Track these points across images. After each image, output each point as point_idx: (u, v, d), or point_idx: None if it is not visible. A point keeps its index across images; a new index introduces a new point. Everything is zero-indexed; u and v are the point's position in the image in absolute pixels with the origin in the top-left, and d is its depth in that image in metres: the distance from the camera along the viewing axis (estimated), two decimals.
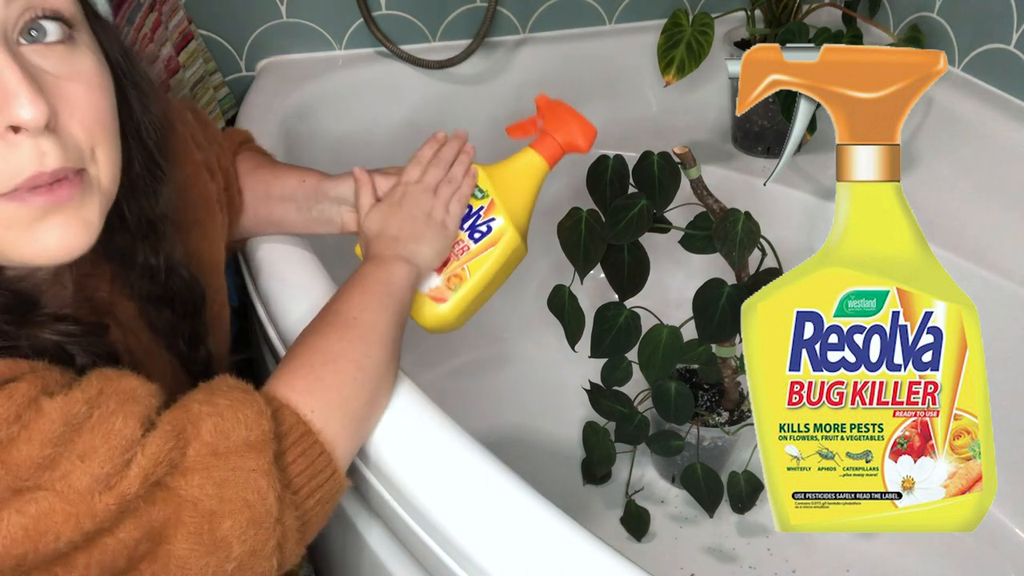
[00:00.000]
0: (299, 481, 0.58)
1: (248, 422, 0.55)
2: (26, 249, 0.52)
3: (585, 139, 0.82)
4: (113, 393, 0.52)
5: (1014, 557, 1.10)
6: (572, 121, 0.82)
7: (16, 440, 0.48)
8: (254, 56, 1.29)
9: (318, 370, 0.63)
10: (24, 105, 0.48)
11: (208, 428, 0.54)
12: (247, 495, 0.53)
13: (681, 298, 1.00)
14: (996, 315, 1.09)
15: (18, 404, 0.48)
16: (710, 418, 1.09)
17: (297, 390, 0.61)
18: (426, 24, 1.34)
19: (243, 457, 0.54)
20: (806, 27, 1.14)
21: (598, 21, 1.43)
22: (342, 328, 0.66)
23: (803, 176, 1.30)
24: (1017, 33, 1.16)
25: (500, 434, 1.25)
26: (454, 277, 0.79)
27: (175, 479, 0.52)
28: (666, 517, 1.15)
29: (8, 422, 0.47)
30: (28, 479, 0.48)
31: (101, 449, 0.49)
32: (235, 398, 0.56)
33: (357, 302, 0.69)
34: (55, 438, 0.48)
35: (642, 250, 0.92)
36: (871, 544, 1.12)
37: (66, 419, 0.49)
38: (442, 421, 0.68)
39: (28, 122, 0.48)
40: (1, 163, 0.49)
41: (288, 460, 0.58)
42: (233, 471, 0.53)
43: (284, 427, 0.58)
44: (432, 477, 0.65)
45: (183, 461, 0.53)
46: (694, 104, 1.43)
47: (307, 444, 0.59)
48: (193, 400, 0.56)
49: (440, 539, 0.64)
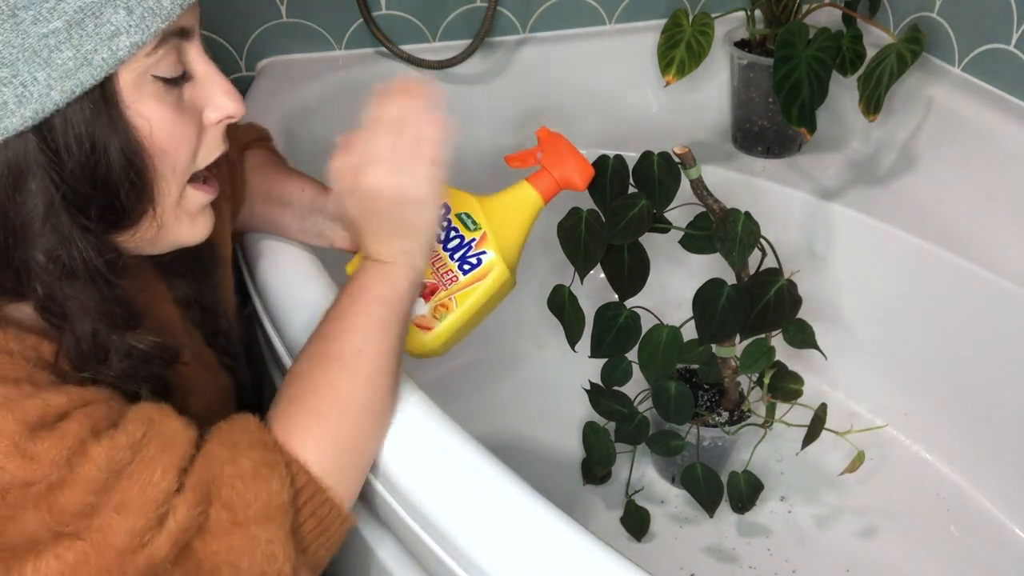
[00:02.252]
0: (310, 538, 0.59)
1: (270, 491, 0.56)
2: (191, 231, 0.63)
3: (582, 178, 0.82)
4: (155, 436, 0.54)
5: (1014, 557, 1.10)
6: (570, 159, 0.82)
7: (63, 485, 0.50)
8: (254, 56, 1.29)
9: (327, 419, 0.61)
10: (238, 101, 0.60)
11: (228, 494, 0.55)
12: (264, 567, 0.55)
13: (681, 298, 1.00)
14: (996, 315, 1.10)
15: (68, 447, 0.51)
16: (710, 418, 1.09)
17: (308, 446, 0.60)
18: (426, 24, 1.34)
19: (262, 527, 0.55)
20: (806, 27, 1.14)
21: (598, 21, 1.43)
22: (350, 366, 0.63)
23: (803, 176, 1.30)
24: (1017, 33, 1.16)
25: (500, 434, 1.25)
26: (440, 307, 0.79)
27: (197, 541, 0.54)
28: (666, 517, 1.15)
29: (58, 465, 0.50)
30: (69, 524, 0.50)
31: (137, 502, 0.51)
32: (258, 459, 0.57)
33: (361, 330, 0.65)
34: (98, 486, 0.51)
35: (642, 250, 0.92)
36: (871, 544, 1.12)
37: (110, 467, 0.51)
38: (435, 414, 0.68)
39: (239, 113, 0.61)
40: (213, 142, 0.61)
41: (300, 520, 0.58)
42: (252, 541, 0.55)
43: (297, 486, 0.58)
44: (431, 476, 0.65)
45: (206, 523, 0.54)
46: (694, 104, 1.43)
47: (318, 503, 0.59)
48: (215, 458, 0.56)
49: (437, 536, 0.64)
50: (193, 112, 0.59)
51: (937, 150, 1.25)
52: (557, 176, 0.82)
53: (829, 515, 1.16)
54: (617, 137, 1.35)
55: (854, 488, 1.18)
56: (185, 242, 0.63)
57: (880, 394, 1.26)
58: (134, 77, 0.54)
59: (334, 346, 0.64)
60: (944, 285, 1.14)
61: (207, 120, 0.60)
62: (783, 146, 1.35)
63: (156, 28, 0.52)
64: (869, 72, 1.15)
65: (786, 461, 1.22)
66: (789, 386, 1.00)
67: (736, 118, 1.38)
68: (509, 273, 0.81)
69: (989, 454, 1.15)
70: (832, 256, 1.25)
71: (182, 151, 0.58)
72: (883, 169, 1.30)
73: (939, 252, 1.14)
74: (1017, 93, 1.18)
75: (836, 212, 1.23)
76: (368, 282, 0.67)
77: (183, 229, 0.62)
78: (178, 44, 0.56)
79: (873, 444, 1.16)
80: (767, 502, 1.16)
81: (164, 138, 0.56)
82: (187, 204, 0.61)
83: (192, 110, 0.58)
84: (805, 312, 0.93)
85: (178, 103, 0.57)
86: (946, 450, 1.21)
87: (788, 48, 1.12)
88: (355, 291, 0.67)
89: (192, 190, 0.62)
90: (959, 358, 1.16)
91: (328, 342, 0.65)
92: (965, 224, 1.17)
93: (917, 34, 1.15)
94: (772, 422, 1.04)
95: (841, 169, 1.31)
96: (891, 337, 1.23)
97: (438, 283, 0.80)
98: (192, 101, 0.58)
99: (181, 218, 0.61)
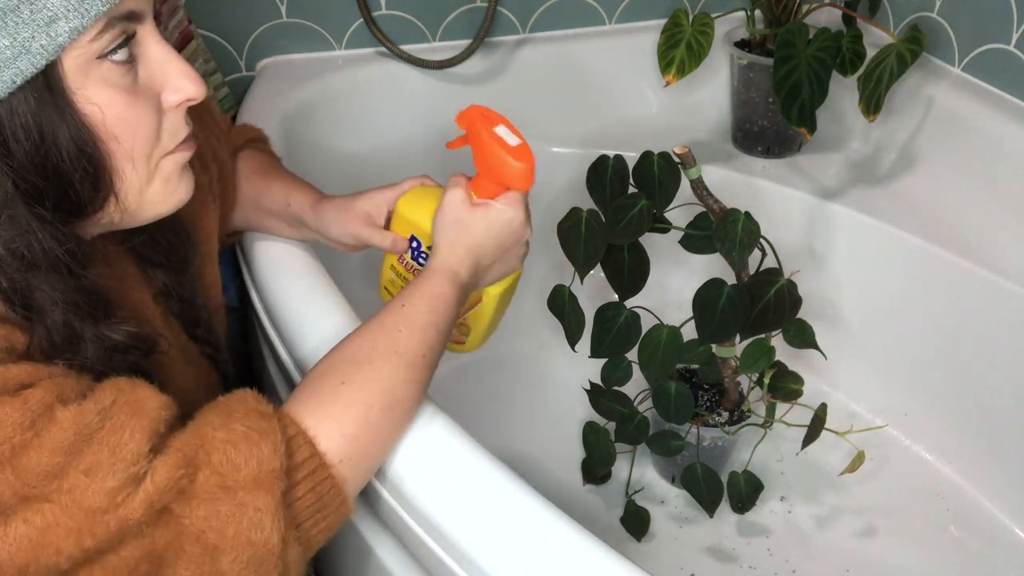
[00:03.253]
0: (305, 515, 0.58)
1: (261, 457, 0.55)
2: (172, 198, 0.61)
3: (520, 179, 0.74)
4: (125, 404, 0.53)
5: (1014, 557, 1.10)
6: (496, 161, 0.74)
7: (28, 446, 0.49)
8: (254, 56, 1.29)
9: (354, 405, 0.61)
10: (198, 83, 0.58)
11: (219, 458, 0.54)
12: (251, 534, 0.54)
13: (681, 298, 1.00)
14: (996, 315, 1.10)
15: (33, 410, 0.49)
16: (710, 418, 1.09)
17: (324, 424, 0.59)
18: (426, 24, 1.34)
19: (251, 494, 0.54)
20: (806, 27, 1.14)
21: (598, 21, 1.43)
22: (409, 367, 0.64)
23: (803, 176, 1.30)
24: (1017, 33, 1.16)
25: (500, 434, 1.25)
26: (462, 324, 0.84)
27: (181, 506, 0.53)
28: (666, 517, 1.15)
29: (22, 428, 0.49)
30: (36, 486, 0.49)
31: (106, 463, 0.50)
32: (252, 425, 0.56)
33: (431, 336, 0.67)
34: (65, 447, 0.49)
35: (642, 250, 0.92)
36: (871, 544, 1.12)
37: (77, 429, 0.50)
38: (435, 414, 0.68)
39: (199, 94, 0.58)
40: (175, 125, 0.59)
41: (297, 495, 0.57)
42: (239, 507, 0.53)
43: (298, 458, 0.57)
44: (431, 475, 0.65)
45: (191, 487, 0.53)
46: (694, 104, 1.43)
47: (319, 479, 0.58)
48: (208, 424, 0.56)
49: (436, 535, 0.64)
50: (149, 95, 0.57)
51: (937, 150, 1.25)
52: (494, 182, 0.75)
53: (829, 515, 1.16)
54: (617, 137, 1.35)
55: (854, 488, 1.18)
56: (164, 211, 0.61)
57: (880, 394, 1.26)
58: (80, 63, 0.52)
59: (403, 343, 0.65)
60: (944, 285, 1.14)
61: (166, 103, 0.58)
62: (783, 146, 1.35)
63: (96, 12, 0.50)
64: (869, 72, 1.15)
65: (786, 461, 1.22)
66: (789, 386, 1.00)
67: (736, 118, 1.38)
68: (507, 282, 0.81)
69: (989, 454, 1.15)
70: (832, 256, 1.25)
71: (140, 136, 0.56)
72: (883, 169, 1.30)
73: (939, 252, 1.14)
74: (1017, 93, 1.18)
75: (836, 212, 1.23)
76: (441, 289, 0.70)
77: (159, 199, 0.60)
78: (127, 27, 0.54)
79: (873, 444, 1.16)
80: (767, 502, 1.16)
81: (117, 124, 0.55)
82: (163, 170, 0.59)
83: (148, 93, 0.57)
84: (805, 312, 0.93)
85: (132, 87, 0.55)
86: (946, 450, 1.20)
87: (788, 48, 1.12)
88: (427, 295, 0.69)
89: (170, 158, 0.60)
90: (959, 358, 1.16)
91: (397, 338, 0.65)
92: (965, 224, 1.17)
93: (917, 34, 1.15)
94: (772, 422, 1.04)
95: (841, 169, 1.31)
96: (891, 337, 1.23)
97: None
98: (148, 84, 0.57)
99: (155, 187, 0.59)
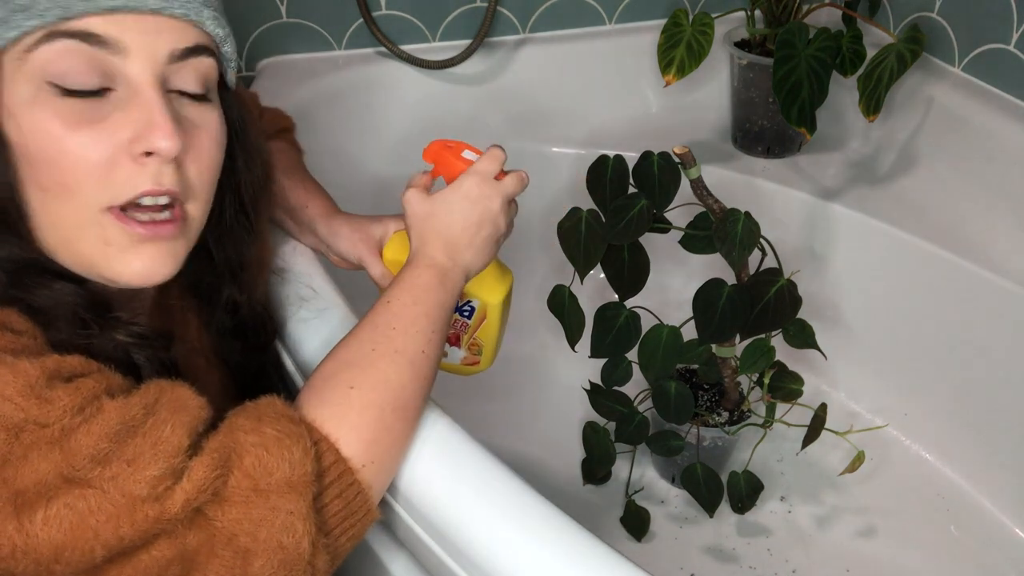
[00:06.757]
0: (334, 522, 0.58)
1: (293, 461, 0.55)
2: (116, 267, 0.57)
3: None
4: (167, 401, 0.55)
5: (1014, 557, 1.10)
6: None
7: (77, 430, 0.51)
8: (254, 56, 1.29)
9: (369, 407, 0.61)
10: (165, 137, 0.55)
11: (251, 461, 0.54)
12: (282, 538, 0.54)
13: (681, 298, 1.00)
14: (996, 315, 1.10)
15: (84, 397, 0.51)
16: (710, 418, 1.09)
17: (343, 428, 0.59)
18: (426, 24, 1.34)
19: (283, 497, 0.54)
20: (806, 27, 1.14)
21: (598, 21, 1.43)
22: (411, 365, 0.64)
23: (803, 176, 1.30)
24: (1017, 33, 1.16)
25: (500, 434, 1.25)
26: (473, 344, 0.85)
27: (214, 509, 0.53)
28: (666, 517, 1.15)
29: (73, 412, 0.51)
30: (81, 469, 0.50)
31: (149, 454, 0.51)
32: (283, 430, 0.56)
33: (426, 331, 0.66)
34: (112, 434, 0.51)
35: (642, 250, 0.92)
36: (871, 544, 1.12)
37: (123, 420, 0.52)
38: (435, 414, 0.68)
39: (163, 150, 0.55)
40: (124, 178, 0.55)
41: (325, 501, 0.57)
42: (272, 511, 0.54)
43: (323, 464, 0.57)
44: (430, 475, 0.65)
45: (224, 490, 0.53)
46: (694, 104, 1.43)
47: (345, 485, 0.58)
48: (239, 427, 0.56)
49: (435, 534, 0.64)
50: (109, 135, 0.55)
51: (937, 150, 1.25)
52: None
53: (829, 515, 1.16)
54: (617, 137, 1.35)
55: (854, 488, 1.18)
56: (117, 280, 0.58)
57: (880, 394, 1.26)
58: (12, 72, 0.53)
59: (399, 341, 0.64)
60: (944, 285, 1.14)
61: (131, 150, 0.55)
62: (783, 146, 1.35)
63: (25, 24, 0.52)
64: (869, 72, 1.15)
65: (786, 461, 1.22)
66: (789, 386, 1.00)
67: (736, 118, 1.38)
68: (501, 296, 0.81)
69: (989, 454, 1.15)
70: (832, 256, 1.25)
71: (70, 172, 0.54)
72: (883, 169, 1.30)
73: (939, 252, 1.14)
74: (1017, 93, 1.18)
75: (836, 212, 1.23)
76: (427, 283, 0.69)
77: (115, 265, 0.57)
78: (91, 53, 0.53)
79: (873, 444, 1.16)
80: (767, 502, 1.16)
81: (38, 149, 0.53)
82: (109, 235, 0.56)
83: (109, 132, 0.55)
84: (805, 312, 0.93)
85: (79, 120, 0.54)
86: (946, 450, 1.20)
87: (788, 48, 1.12)
88: (412, 290, 0.68)
89: (113, 220, 0.56)
90: (959, 358, 1.16)
91: (375, 327, 0.65)
92: (965, 224, 1.17)
93: (917, 34, 1.15)
94: (772, 422, 1.04)
95: (841, 169, 1.31)
96: (891, 337, 1.23)
97: (457, 331, 0.84)
98: (117, 124, 0.55)
99: (90, 242, 0.57)
